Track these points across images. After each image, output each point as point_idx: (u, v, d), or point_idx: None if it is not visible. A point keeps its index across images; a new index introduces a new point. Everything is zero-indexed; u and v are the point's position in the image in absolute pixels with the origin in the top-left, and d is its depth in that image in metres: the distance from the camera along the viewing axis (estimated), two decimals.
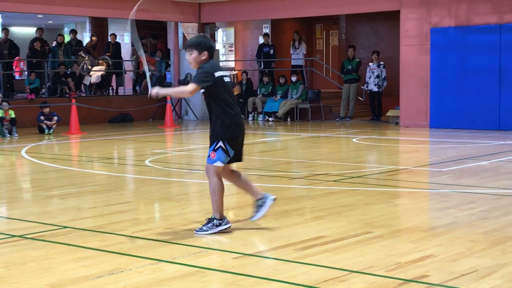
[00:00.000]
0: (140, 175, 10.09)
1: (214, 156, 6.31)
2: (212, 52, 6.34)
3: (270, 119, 20.57)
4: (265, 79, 21.43)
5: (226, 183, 6.55)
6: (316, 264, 5.19)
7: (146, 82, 5.28)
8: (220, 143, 6.32)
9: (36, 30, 21.32)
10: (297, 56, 21.94)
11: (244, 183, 6.70)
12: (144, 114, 21.35)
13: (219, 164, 6.32)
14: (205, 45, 6.30)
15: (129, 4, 19.29)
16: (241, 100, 21.50)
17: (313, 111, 20.61)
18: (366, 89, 20.35)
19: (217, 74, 6.29)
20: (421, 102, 17.75)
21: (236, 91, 7.06)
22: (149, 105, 21.45)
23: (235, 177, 6.69)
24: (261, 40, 22.98)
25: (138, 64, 23.55)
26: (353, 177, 9.62)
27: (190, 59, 6.35)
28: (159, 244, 5.87)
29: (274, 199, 6.55)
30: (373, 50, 20.50)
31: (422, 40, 17.66)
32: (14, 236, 6.19)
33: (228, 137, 6.35)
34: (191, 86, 6.28)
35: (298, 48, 21.88)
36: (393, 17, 19.75)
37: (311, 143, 14.84)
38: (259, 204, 6.55)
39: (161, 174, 10.15)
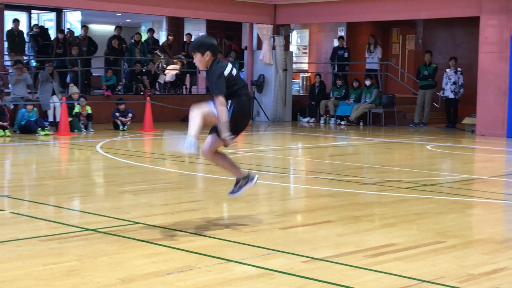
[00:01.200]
0: (210, 174, 10.15)
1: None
2: (214, 50, 6.38)
3: (342, 122, 20.43)
4: (339, 82, 21.29)
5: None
6: (386, 271, 5.11)
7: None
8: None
9: (115, 28, 21.74)
10: (372, 60, 21.72)
11: (227, 162, 6.77)
12: None
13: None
14: (206, 45, 6.36)
15: (205, 4, 19.64)
16: (313, 102, 21.43)
17: (386, 116, 20.37)
18: (442, 95, 19.97)
19: (226, 72, 6.34)
20: (498, 111, 17.30)
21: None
22: None
23: (219, 157, 6.80)
24: (336, 43, 22.85)
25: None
26: (426, 185, 9.45)
27: (196, 62, 6.47)
28: (228, 244, 5.88)
29: (257, 180, 6.75)
30: (450, 56, 20.10)
31: (502, 47, 17.22)
32: (87, 229, 6.32)
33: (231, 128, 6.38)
34: (219, 100, 6.31)
35: (373, 52, 21.65)
36: (472, 23, 19.33)
37: (384, 149, 14.66)
38: (242, 184, 6.71)
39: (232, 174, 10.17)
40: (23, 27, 22.38)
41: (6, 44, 20.95)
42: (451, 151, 14.18)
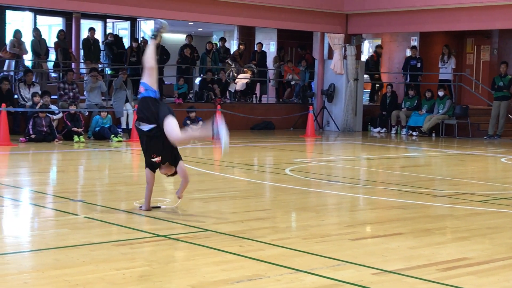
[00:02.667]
0: (279, 183, 10.15)
1: None
2: None
3: (414, 133, 20.14)
4: (411, 92, 21.02)
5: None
6: (458, 286, 5.00)
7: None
8: None
9: (186, 37, 22.02)
10: (446, 71, 21.35)
11: None
12: (285, 122, 21.52)
13: None
14: None
15: (276, 13, 19.70)
16: (384, 113, 21.21)
17: (459, 127, 19.98)
18: None
19: None
20: None
21: None
22: (291, 114, 21.60)
23: None
24: (409, 52, 22.57)
25: (280, 73, 23.78)
26: (500, 198, 9.22)
27: None
28: (297, 253, 5.86)
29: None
30: None
31: None
32: (158, 235, 6.40)
33: None
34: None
35: (447, 62, 21.28)
36: None
37: (456, 161, 14.38)
38: None
39: (301, 184, 10.16)
40: (99, 35, 22.91)
41: (82, 52, 21.50)
42: None
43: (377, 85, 23.52)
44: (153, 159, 7.33)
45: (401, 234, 6.74)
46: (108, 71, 21.62)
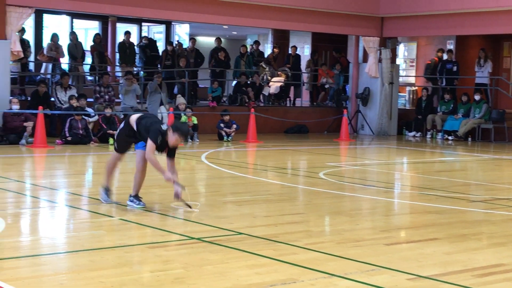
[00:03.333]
0: (313, 187, 10.12)
1: None
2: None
3: (450, 138, 19.94)
4: (447, 96, 20.81)
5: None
6: None
7: None
8: None
9: (215, 40, 22.09)
10: (482, 74, 21.10)
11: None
12: (319, 126, 21.46)
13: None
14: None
15: (311, 16, 19.66)
16: (419, 116, 21.02)
17: (496, 132, 19.72)
18: None
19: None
20: None
21: None
22: (325, 117, 21.54)
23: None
24: (445, 56, 22.35)
25: (314, 76, 23.73)
26: None
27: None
28: (331, 258, 5.83)
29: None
30: None
31: None
32: (192, 238, 6.42)
33: None
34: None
35: (483, 66, 21.03)
36: None
37: (493, 166, 14.20)
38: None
39: (334, 188, 10.11)
40: (134, 39, 23.10)
41: (117, 56, 21.69)
42: None
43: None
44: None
45: (436, 240, 6.67)
46: (142, 74, 21.78)
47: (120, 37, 22.52)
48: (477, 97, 20.00)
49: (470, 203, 9.06)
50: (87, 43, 23.25)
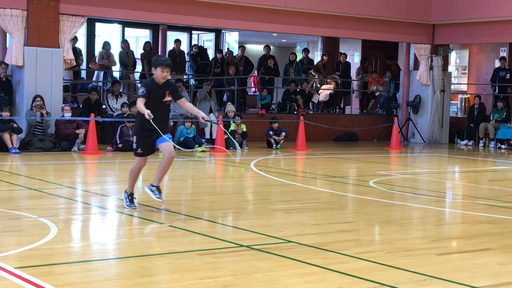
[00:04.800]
0: (363, 196, 10.03)
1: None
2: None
3: (503, 146, 19.57)
4: (500, 104, 20.45)
5: None
6: None
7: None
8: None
9: (264, 47, 22.13)
10: None
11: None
12: (369, 134, 21.30)
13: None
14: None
15: (361, 24, 19.56)
16: (472, 125, 20.70)
17: None
18: None
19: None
20: None
21: None
22: (375, 125, 21.37)
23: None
24: (497, 63, 21.98)
25: (364, 84, 23.58)
26: None
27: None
28: (382, 267, 5.76)
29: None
30: None
31: None
32: (241, 245, 6.41)
33: None
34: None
35: None
36: None
37: None
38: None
39: (385, 196, 10.00)
40: (184, 47, 23.29)
41: None
42: None
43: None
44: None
45: (489, 250, 6.54)
46: (192, 81, 21.94)
47: (170, 45, 22.74)
48: None
49: None
50: (137, 51, 23.53)
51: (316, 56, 27.18)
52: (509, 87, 21.19)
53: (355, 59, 27.30)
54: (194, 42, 25.30)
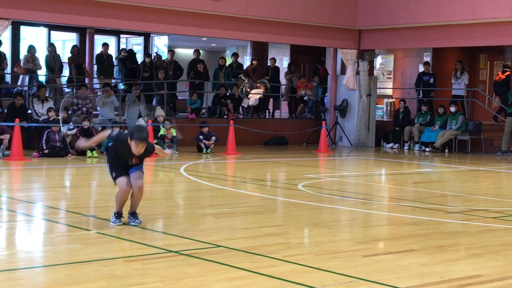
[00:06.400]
0: (292, 199, 10.14)
1: None
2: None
3: (427, 149, 20.08)
4: (424, 108, 20.97)
5: None
6: None
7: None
8: None
9: (194, 52, 22.11)
10: (459, 86, 21.31)
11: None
12: (298, 138, 21.53)
13: None
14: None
15: (289, 29, 19.73)
16: (397, 128, 21.16)
17: (472, 143, 19.90)
18: None
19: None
20: None
21: None
22: (304, 129, 21.60)
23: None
24: (421, 68, 22.55)
25: (292, 88, 23.80)
26: None
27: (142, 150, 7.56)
28: (310, 270, 5.84)
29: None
30: None
31: None
32: (170, 251, 6.39)
33: None
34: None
35: (460, 78, 21.25)
36: None
37: (470, 177, 14.31)
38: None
39: (313, 200, 10.14)
40: (112, 51, 23.03)
41: (95, 67, 21.61)
42: None
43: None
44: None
45: (414, 251, 6.71)
46: (121, 86, 21.72)
47: (98, 49, 22.46)
48: (453, 109, 20.17)
49: (447, 214, 9.12)
50: (64, 55, 23.16)
51: (246, 61, 27.29)
52: (433, 91, 21.76)
53: (284, 63, 27.55)
54: (122, 46, 25.04)
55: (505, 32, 18.35)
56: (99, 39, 23.68)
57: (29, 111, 17.06)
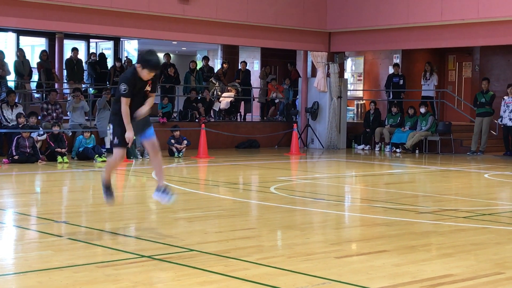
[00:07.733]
0: (264, 202, 10.15)
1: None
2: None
3: (398, 150, 20.23)
4: (394, 109, 21.14)
5: None
6: None
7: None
8: None
9: (164, 55, 22.06)
10: (428, 87, 21.52)
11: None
12: (270, 141, 21.56)
13: None
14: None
15: (260, 32, 19.77)
16: (368, 130, 21.30)
17: (442, 144, 20.09)
18: (500, 123, 19.64)
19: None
20: None
21: None
22: (275, 132, 21.64)
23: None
24: (391, 70, 22.72)
25: (265, 92, 23.85)
26: (484, 214, 9.26)
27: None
28: (282, 272, 5.85)
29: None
30: (508, 83, 19.78)
31: None
32: (143, 256, 6.36)
33: None
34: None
35: (429, 79, 21.46)
36: None
37: (440, 177, 14.44)
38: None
39: (286, 202, 10.16)
40: (82, 55, 22.90)
41: (65, 72, 21.46)
42: (510, 180, 13.88)
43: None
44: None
45: (385, 252, 6.75)
46: (91, 91, 21.59)
47: (67, 54, 22.31)
48: (422, 110, 20.35)
49: (419, 215, 9.20)
50: (34, 60, 22.96)
51: (217, 64, 27.30)
52: (403, 92, 21.94)
53: (255, 66, 27.60)
54: (92, 50, 24.91)
55: (473, 34, 18.56)
56: (69, 44, 23.53)
57: None
